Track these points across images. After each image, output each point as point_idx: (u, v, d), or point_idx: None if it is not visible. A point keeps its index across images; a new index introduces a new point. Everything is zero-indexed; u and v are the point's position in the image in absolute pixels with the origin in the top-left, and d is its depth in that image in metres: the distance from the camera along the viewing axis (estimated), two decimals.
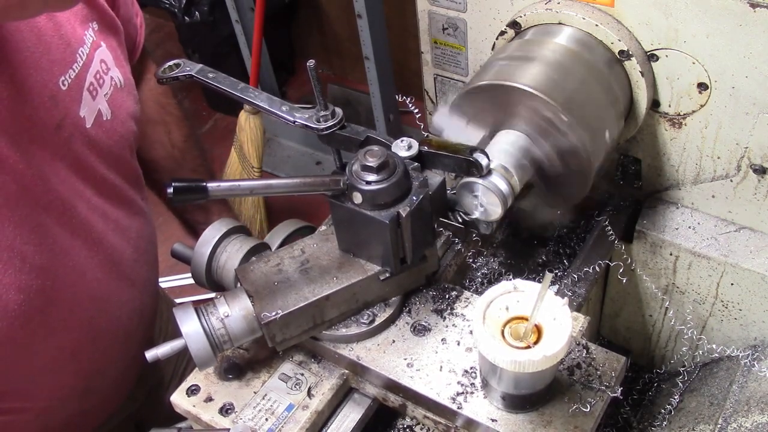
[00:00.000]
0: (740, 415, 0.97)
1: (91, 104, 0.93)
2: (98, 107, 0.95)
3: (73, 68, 0.90)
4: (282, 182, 0.85)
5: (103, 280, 0.98)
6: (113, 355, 1.07)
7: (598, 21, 0.99)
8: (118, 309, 1.03)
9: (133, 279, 1.07)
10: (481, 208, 0.92)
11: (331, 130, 0.93)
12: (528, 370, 0.73)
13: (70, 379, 1.00)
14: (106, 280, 0.98)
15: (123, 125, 1.01)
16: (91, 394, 1.07)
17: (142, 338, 1.16)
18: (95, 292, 0.96)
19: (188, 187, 0.76)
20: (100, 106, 0.95)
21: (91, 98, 0.93)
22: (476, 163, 0.87)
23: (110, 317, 1.02)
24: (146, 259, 1.11)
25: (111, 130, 0.98)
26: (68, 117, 0.89)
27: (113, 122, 0.98)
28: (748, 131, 0.99)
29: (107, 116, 0.96)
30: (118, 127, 0.99)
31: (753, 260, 1.08)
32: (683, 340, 1.25)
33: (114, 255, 1.00)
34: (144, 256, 1.10)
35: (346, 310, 0.90)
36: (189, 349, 0.85)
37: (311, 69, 0.91)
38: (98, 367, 1.04)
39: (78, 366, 0.99)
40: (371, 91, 2.52)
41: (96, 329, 0.99)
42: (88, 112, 0.93)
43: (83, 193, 0.93)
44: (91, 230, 0.95)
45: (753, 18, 0.88)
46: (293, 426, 0.87)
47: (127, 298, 1.06)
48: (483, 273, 1.13)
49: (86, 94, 0.92)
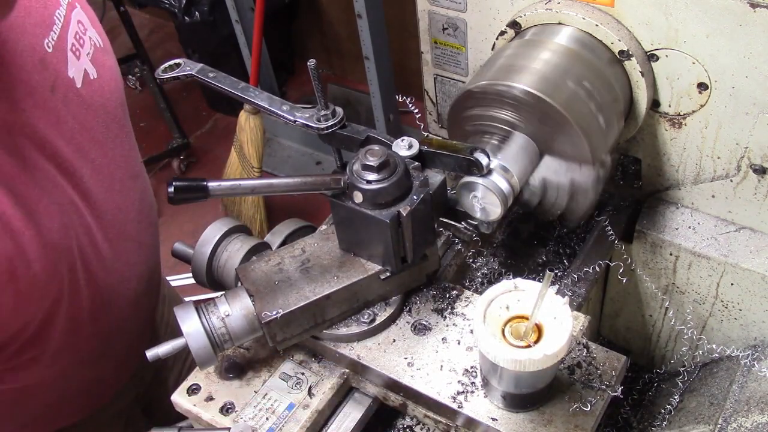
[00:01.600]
0: (740, 415, 0.97)
1: (76, 64, 0.94)
2: (84, 67, 0.95)
3: (54, 30, 0.91)
4: (283, 181, 0.85)
5: (111, 240, 0.98)
6: (126, 318, 1.08)
7: (598, 21, 0.99)
8: (127, 271, 1.04)
9: (139, 241, 1.07)
10: (481, 208, 0.92)
11: (332, 129, 0.93)
12: (528, 369, 0.73)
13: (88, 342, 1.01)
14: (114, 240, 0.99)
15: (110, 83, 1.01)
16: (106, 359, 1.08)
17: (149, 303, 1.17)
18: (105, 253, 0.97)
19: (189, 187, 0.76)
20: (86, 66, 0.96)
21: (75, 59, 0.94)
22: (476, 162, 0.87)
23: (121, 279, 1.03)
24: (149, 221, 1.12)
25: (100, 88, 0.98)
26: (59, 79, 0.90)
27: (100, 81, 0.98)
28: (748, 131, 0.99)
29: (93, 75, 0.97)
30: (106, 85, 1.00)
31: (753, 260, 1.08)
32: (683, 340, 1.26)
33: (119, 216, 1.01)
34: (147, 218, 1.11)
35: (347, 309, 0.90)
36: (190, 348, 0.85)
37: (312, 69, 0.91)
38: (113, 329, 1.05)
39: (95, 328, 1.00)
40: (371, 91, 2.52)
41: (110, 291, 1.00)
42: (76, 73, 0.93)
43: (88, 153, 0.94)
44: (97, 191, 0.95)
45: (753, 18, 0.89)
46: (294, 425, 0.87)
47: (135, 260, 1.07)
48: (483, 273, 1.13)
49: (70, 54, 0.93)
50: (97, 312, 0.98)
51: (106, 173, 0.98)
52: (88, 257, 0.93)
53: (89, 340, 1.01)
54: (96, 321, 0.99)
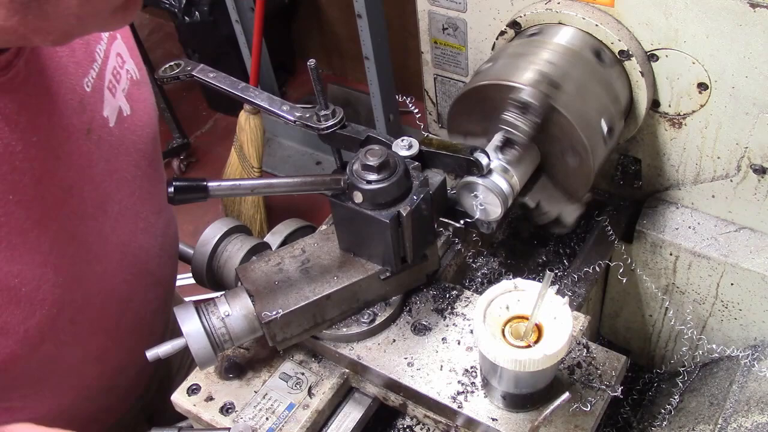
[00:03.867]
0: (740, 415, 0.97)
1: (112, 102, 0.91)
2: (118, 104, 0.93)
3: (93, 68, 0.88)
4: (283, 181, 0.85)
5: (131, 281, 0.96)
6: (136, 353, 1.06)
7: (598, 21, 0.99)
8: (143, 308, 1.02)
9: (157, 277, 1.06)
10: (481, 208, 0.92)
11: (332, 129, 0.93)
12: (528, 369, 0.73)
13: (96, 379, 1.00)
14: (133, 280, 0.97)
15: (143, 119, 0.99)
16: (115, 390, 1.07)
17: (161, 334, 1.15)
18: (123, 294, 0.95)
19: (189, 187, 0.76)
20: (120, 103, 0.93)
21: (111, 96, 0.91)
22: (476, 162, 0.87)
23: (135, 317, 1.01)
24: (169, 255, 1.10)
25: (133, 125, 0.96)
26: (95, 120, 0.87)
27: (134, 117, 0.96)
28: (748, 131, 0.99)
29: (127, 112, 0.95)
30: (139, 121, 0.97)
31: (753, 260, 1.08)
32: (683, 340, 1.26)
33: (141, 254, 0.99)
34: (168, 252, 1.09)
35: (347, 310, 0.90)
36: (190, 349, 0.85)
37: (312, 68, 0.91)
38: (123, 365, 1.03)
39: (104, 366, 0.98)
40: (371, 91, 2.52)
41: (122, 330, 0.98)
42: (110, 111, 0.91)
43: (114, 195, 0.92)
44: (121, 233, 0.93)
45: (753, 18, 0.89)
46: (294, 425, 0.87)
47: (152, 296, 1.05)
48: (483, 273, 1.13)
49: (107, 93, 0.91)
50: (110, 351, 0.97)
51: (131, 212, 0.95)
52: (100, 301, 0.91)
53: (100, 375, 1.00)
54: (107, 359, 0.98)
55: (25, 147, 0.76)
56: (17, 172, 0.76)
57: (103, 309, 0.92)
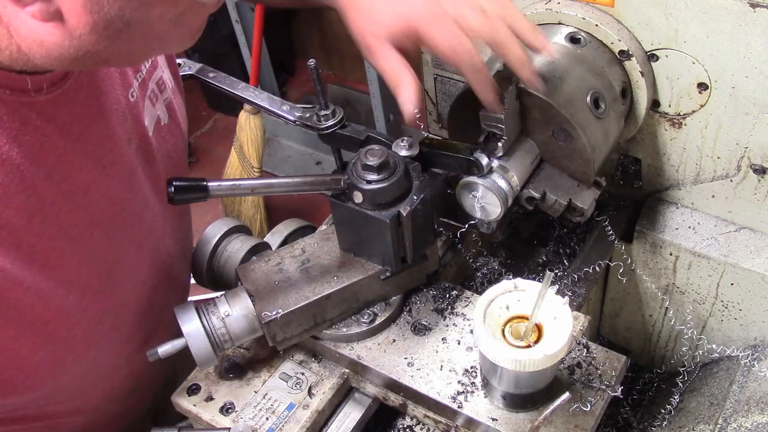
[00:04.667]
0: (740, 415, 0.97)
1: (151, 112, 0.92)
2: (157, 113, 0.94)
3: (137, 78, 0.89)
4: (283, 181, 0.85)
5: (158, 285, 0.97)
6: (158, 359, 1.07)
7: (598, 21, 0.99)
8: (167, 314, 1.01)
9: (179, 280, 1.06)
10: (481, 208, 0.92)
11: (332, 129, 0.93)
12: (528, 369, 0.73)
13: (121, 382, 1.00)
14: (161, 285, 0.98)
15: (177, 127, 0.99)
16: (136, 393, 1.07)
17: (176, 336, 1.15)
18: (152, 299, 0.96)
19: (189, 187, 0.76)
20: (159, 112, 0.94)
21: (151, 105, 0.92)
22: (476, 162, 0.87)
23: (160, 322, 1.01)
24: (188, 258, 1.11)
25: (168, 134, 0.96)
26: (136, 129, 0.88)
27: (170, 125, 0.97)
28: (748, 131, 0.99)
29: (164, 121, 0.95)
30: (174, 129, 0.98)
31: (753, 260, 1.08)
32: (683, 340, 1.26)
33: (168, 260, 0.99)
34: (187, 256, 1.09)
35: (347, 310, 0.90)
36: (190, 349, 0.85)
37: (312, 69, 0.91)
38: (145, 369, 1.03)
39: (130, 370, 0.99)
40: (371, 91, 2.52)
41: (148, 335, 0.99)
42: (150, 120, 0.92)
43: (149, 203, 0.92)
44: (153, 239, 0.94)
45: (753, 18, 0.89)
46: (294, 425, 0.87)
47: (173, 299, 1.05)
48: (483, 273, 1.13)
49: (147, 102, 0.91)
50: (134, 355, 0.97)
51: (161, 218, 0.96)
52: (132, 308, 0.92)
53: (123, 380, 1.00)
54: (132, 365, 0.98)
55: (76, 157, 0.77)
56: (68, 182, 0.76)
57: (137, 315, 0.93)
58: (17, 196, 0.71)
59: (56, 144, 0.74)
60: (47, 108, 0.73)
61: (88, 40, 0.61)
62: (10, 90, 0.69)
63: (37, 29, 0.61)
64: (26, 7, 0.59)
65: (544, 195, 0.95)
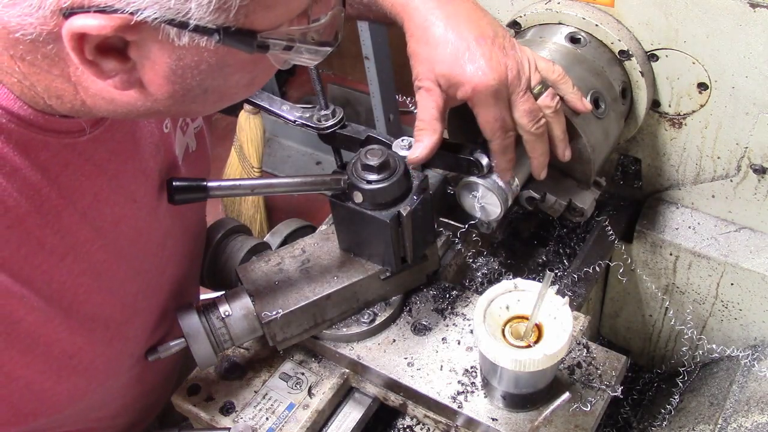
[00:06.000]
0: (740, 415, 0.97)
1: (181, 140, 0.91)
2: (186, 141, 0.93)
3: None
4: (283, 181, 0.85)
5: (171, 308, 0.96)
6: (170, 375, 1.07)
7: (598, 21, 0.99)
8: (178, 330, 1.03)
9: (188, 298, 1.05)
10: (481, 207, 0.92)
11: (332, 129, 0.93)
12: (528, 369, 0.73)
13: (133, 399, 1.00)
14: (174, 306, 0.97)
15: (205, 153, 0.99)
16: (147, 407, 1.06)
17: None
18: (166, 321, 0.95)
19: (189, 187, 0.76)
20: (188, 140, 0.93)
21: (182, 134, 0.91)
22: (477, 162, 0.87)
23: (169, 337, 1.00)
24: (197, 273, 1.10)
25: (196, 161, 0.95)
26: (167, 160, 0.87)
27: (198, 152, 0.96)
28: (748, 131, 0.99)
29: (192, 148, 0.95)
30: (202, 156, 0.97)
31: (753, 260, 1.08)
32: (683, 340, 1.26)
33: (185, 282, 0.99)
34: (196, 272, 1.09)
35: (347, 310, 0.90)
36: (190, 349, 0.85)
37: (312, 68, 0.91)
38: (157, 383, 1.03)
39: (141, 387, 0.98)
40: (371, 91, 2.52)
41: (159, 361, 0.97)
42: (180, 149, 0.91)
43: (171, 231, 0.91)
44: (172, 265, 0.94)
45: (753, 18, 0.89)
46: (294, 425, 0.87)
47: None
48: (483, 273, 1.13)
49: (179, 132, 0.90)
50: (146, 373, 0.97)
51: (181, 243, 0.95)
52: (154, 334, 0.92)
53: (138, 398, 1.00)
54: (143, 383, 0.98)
55: (111, 193, 0.76)
56: (101, 218, 0.76)
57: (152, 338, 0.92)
58: (52, 237, 0.70)
59: (93, 183, 0.74)
60: (88, 148, 0.72)
61: (163, 104, 0.61)
62: (56, 133, 0.68)
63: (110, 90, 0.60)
64: (107, 80, 0.58)
65: (544, 195, 0.95)
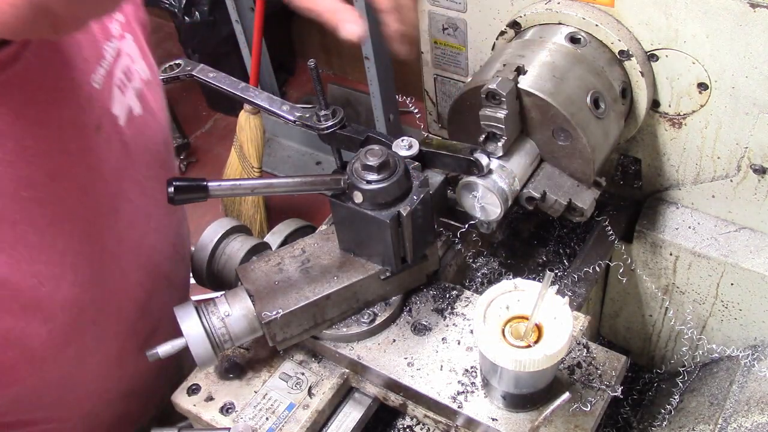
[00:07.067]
0: (740, 415, 0.97)
1: (121, 101, 0.90)
2: (128, 103, 0.92)
3: (102, 65, 0.87)
4: (283, 181, 0.85)
5: (145, 283, 0.96)
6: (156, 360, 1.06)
7: (598, 21, 0.99)
8: (159, 312, 1.01)
9: (171, 279, 1.05)
10: (481, 207, 0.92)
11: (332, 129, 0.93)
12: (529, 369, 0.73)
13: (115, 384, 0.99)
14: (148, 283, 0.96)
15: (155, 119, 0.98)
16: (135, 396, 1.06)
17: None
18: (139, 297, 0.95)
19: (189, 187, 0.76)
20: (131, 102, 0.92)
21: (121, 94, 0.90)
22: (476, 162, 0.87)
23: (153, 321, 1.00)
24: (182, 257, 1.09)
25: (144, 125, 0.95)
26: (105, 117, 0.86)
27: (145, 117, 0.95)
28: (748, 131, 0.99)
29: (138, 112, 0.94)
30: (150, 121, 0.97)
31: (753, 260, 1.08)
32: (683, 340, 1.26)
33: (155, 256, 0.98)
34: (180, 254, 1.08)
35: (347, 310, 0.90)
36: (190, 349, 0.85)
37: (312, 69, 0.91)
38: (142, 370, 1.02)
39: (123, 371, 0.98)
40: (371, 91, 2.52)
41: (140, 334, 0.97)
42: (120, 110, 0.90)
43: (127, 195, 0.91)
44: (135, 233, 0.93)
45: (753, 18, 0.89)
46: (294, 425, 0.87)
47: (167, 299, 1.03)
48: (483, 273, 1.13)
49: (116, 91, 0.89)
50: (128, 356, 0.96)
51: (143, 213, 0.95)
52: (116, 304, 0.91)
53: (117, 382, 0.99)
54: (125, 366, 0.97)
55: (36, 142, 0.76)
56: (31, 167, 0.75)
57: (121, 311, 0.92)
58: None
59: (12, 128, 0.73)
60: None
61: None
62: None
63: None
64: None
65: (544, 195, 0.95)
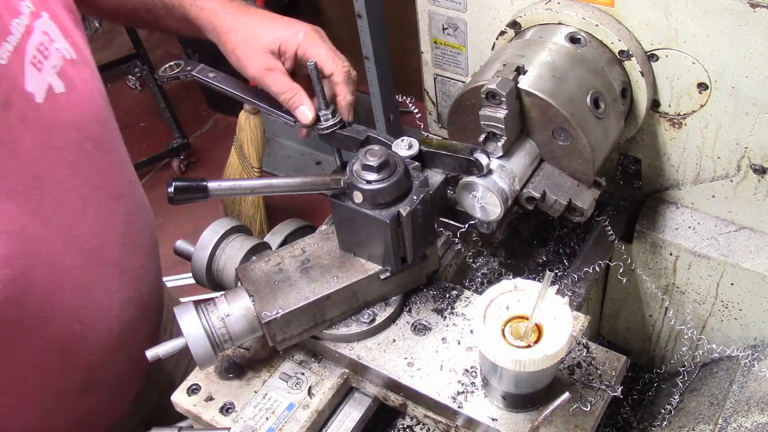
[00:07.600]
0: (740, 415, 0.97)
1: (37, 78, 0.88)
2: (48, 81, 0.89)
3: (9, 40, 0.85)
4: (283, 181, 0.85)
5: (84, 267, 0.93)
6: (110, 348, 1.03)
7: (598, 21, 0.99)
8: (106, 298, 0.99)
9: (121, 266, 1.02)
10: (481, 207, 0.92)
11: (332, 129, 0.93)
12: (528, 369, 0.73)
13: (63, 375, 0.97)
14: (88, 266, 0.94)
15: (82, 99, 0.95)
16: (94, 391, 1.04)
17: (145, 331, 1.11)
18: (76, 280, 0.92)
19: (189, 187, 0.76)
20: (50, 80, 0.90)
21: (36, 71, 0.88)
22: (476, 162, 0.87)
23: (98, 307, 0.97)
24: (137, 245, 1.06)
25: (69, 103, 0.92)
26: (14, 93, 0.84)
27: (69, 95, 0.92)
28: (748, 131, 0.99)
29: (60, 89, 0.91)
30: (77, 100, 0.94)
31: (753, 260, 1.08)
32: (683, 340, 1.26)
33: (94, 240, 0.95)
34: (134, 242, 1.05)
35: (347, 309, 0.90)
36: (189, 348, 0.85)
37: (312, 69, 0.92)
38: (94, 361, 1.00)
39: (69, 361, 0.95)
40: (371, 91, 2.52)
41: (83, 320, 0.95)
42: (36, 87, 0.87)
43: (50, 175, 0.88)
44: (64, 215, 0.90)
45: (753, 18, 0.89)
46: (294, 425, 0.87)
47: (117, 286, 1.01)
48: (483, 273, 1.13)
49: (30, 67, 0.87)
50: (73, 343, 0.94)
51: (76, 195, 0.92)
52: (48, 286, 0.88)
53: (66, 372, 0.97)
54: (71, 353, 0.95)
55: None
56: None
57: (54, 293, 0.89)
58: None
59: None
60: None
61: None
62: None
63: None
64: None
65: (544, 195, 0.95)
